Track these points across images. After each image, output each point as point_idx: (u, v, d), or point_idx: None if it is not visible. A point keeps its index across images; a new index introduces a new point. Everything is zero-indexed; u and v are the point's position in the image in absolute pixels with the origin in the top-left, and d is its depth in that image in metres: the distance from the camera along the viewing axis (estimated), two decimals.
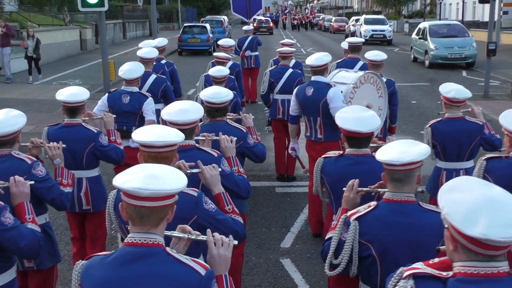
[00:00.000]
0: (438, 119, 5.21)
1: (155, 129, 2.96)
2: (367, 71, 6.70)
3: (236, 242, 2.50)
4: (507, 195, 1.92)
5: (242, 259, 4.85)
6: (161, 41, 9.51)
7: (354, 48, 8.08)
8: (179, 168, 3.12)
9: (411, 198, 2.83)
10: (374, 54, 7.13)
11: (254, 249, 6.07)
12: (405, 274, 2.02)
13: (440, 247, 2.26)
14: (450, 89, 5.01)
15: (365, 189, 3.18)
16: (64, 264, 5.46)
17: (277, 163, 8.39)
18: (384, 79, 7.00)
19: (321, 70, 6.08)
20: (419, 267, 2.03)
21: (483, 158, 3.93)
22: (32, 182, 3.55)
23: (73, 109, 4.78)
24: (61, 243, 5.95)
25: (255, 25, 39.25)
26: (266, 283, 5.37)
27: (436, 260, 2.09)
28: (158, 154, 2.82)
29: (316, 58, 6.08)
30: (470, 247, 1.86)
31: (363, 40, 8.76)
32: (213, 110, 4.38)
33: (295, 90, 6.34)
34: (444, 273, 1.96)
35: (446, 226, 1.94)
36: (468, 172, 5.05)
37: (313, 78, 6.12)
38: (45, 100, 14.32)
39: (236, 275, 4.64)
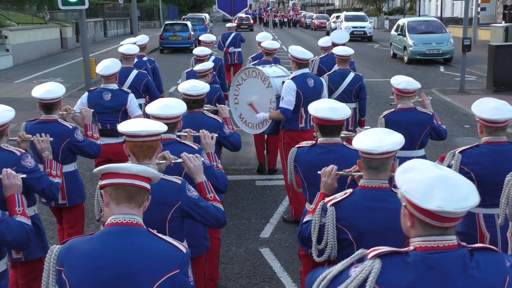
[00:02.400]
0: (392, 110, 5.45)
1: (139, 121, 3.14)
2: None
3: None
4: (457, 174, 2.14)
5: (219, 243, 5.02)
6: (142, 38, 9.61)
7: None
8: (164, 158, 3.32)
9: (385, 184, 3.00)
10: (342, 50, 7.41)
11: (234, 239, 6.25)
12: (370, 255, 2.12)
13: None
14: (401, 81, 5.28)
15: (341, 172, 3.36)
16: None
17: (258, 154, 8.61)
18: (352, 74, 7.29)
19: (307, 63, 6.47)
20: (381, 248, 2.14)
21: (458, 151, 4.04)
22: (24, 176, 3.61)
23: (48, 106, 4.85)
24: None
25: (236, 22, 39.33)
26: (246, 271, 5.55)
27: None
28: (143, 143, 2.99)
29: (302, 51, 6.34)
30: (427, 221, 2.03)
31: (347, 38, 8.87)
32: (190, 102, 4.61)
33: (292, 84, 6.19)
34: (404, 249, 2.12)
35: (403, 204, 2.12)
36: None
37: (302, 70, 6.33)
38: (26, 98, 14.29)
39: (214, 257, 4.82)
